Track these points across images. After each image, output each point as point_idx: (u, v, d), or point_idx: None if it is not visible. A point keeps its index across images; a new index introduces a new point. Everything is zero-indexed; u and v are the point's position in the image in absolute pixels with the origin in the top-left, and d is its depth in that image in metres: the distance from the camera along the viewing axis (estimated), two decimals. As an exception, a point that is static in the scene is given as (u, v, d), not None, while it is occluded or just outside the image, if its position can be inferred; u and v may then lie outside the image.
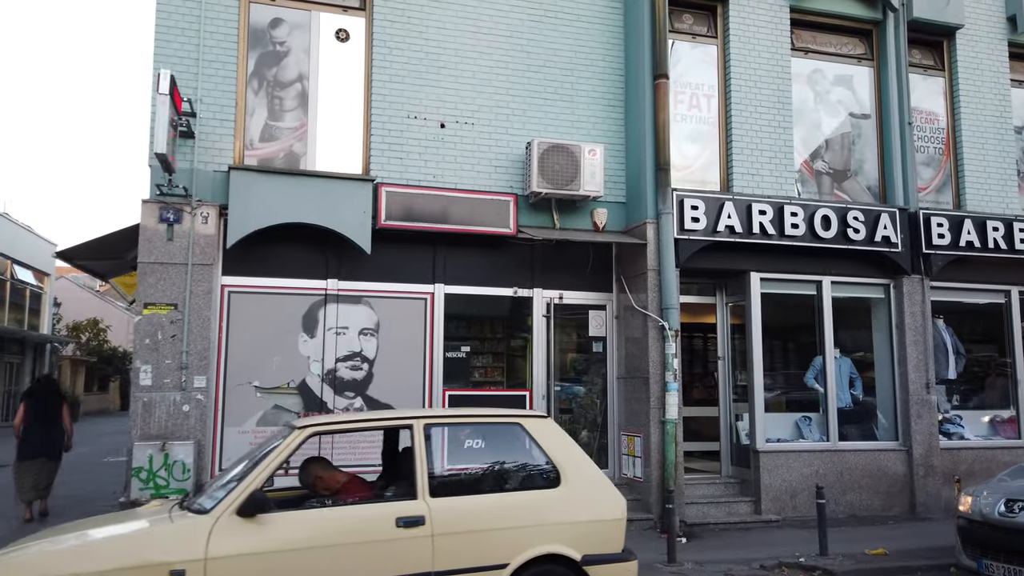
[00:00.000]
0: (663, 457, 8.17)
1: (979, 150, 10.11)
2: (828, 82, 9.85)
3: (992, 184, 10.10)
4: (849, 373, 9.69)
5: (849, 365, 9.70)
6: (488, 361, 8.93)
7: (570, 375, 9.23)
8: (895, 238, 9.23)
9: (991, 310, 10.19)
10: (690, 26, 9.44)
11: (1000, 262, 9.87)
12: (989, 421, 10.18)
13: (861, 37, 10.06)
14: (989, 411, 10.21)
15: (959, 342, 10.11)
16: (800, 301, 9.45)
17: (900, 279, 9.44)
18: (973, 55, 10.26)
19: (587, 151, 8.52)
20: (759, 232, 8.76)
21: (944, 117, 10.26)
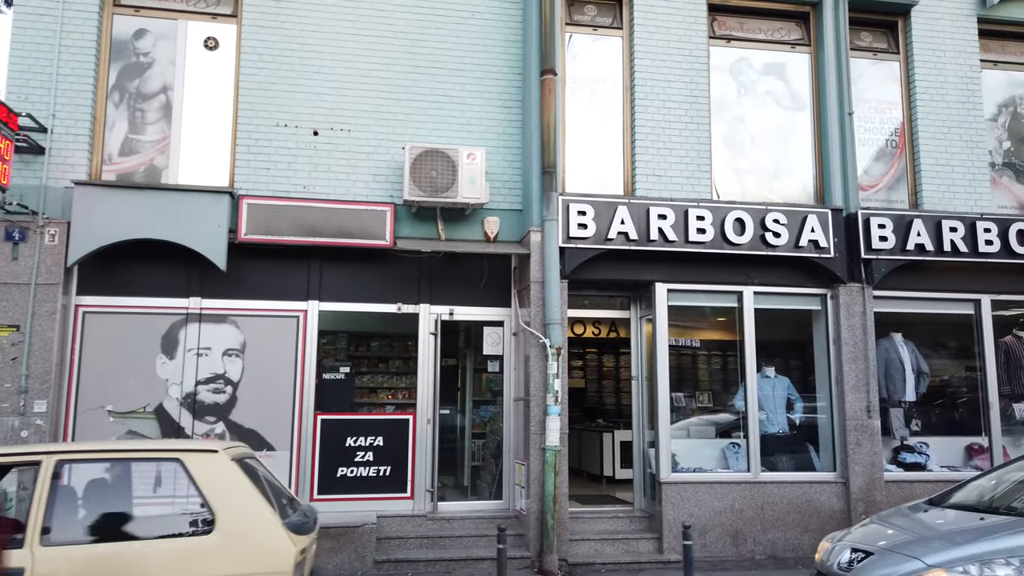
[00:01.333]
0: (542, 488, 7.39)
1: (940, 141, 8.92)
2: (756, 72, 8.89)
3: (956, 179, 8.88)
4: (787, 394, 8.66)
5: (786, 385, 8.67)
6: (370, 383, 8.36)
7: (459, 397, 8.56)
8: (826, 242, 8.18)
9: (960, 322, 8.94)
10: (592, 17, 8.69)
11: (966, 267, 8.65)
12: (966, 449, 8.91)
13: (798, 21, 9.07)
14: (964, 437, 8.94)
15: (922, 359, 8.90)
16: (734, 314, 8.51)
17: (837, 288, 8.36)
18: (932, 35, 9.09)
19: (466, 155, 7.88)
20: (659, 239, 7.90)
21: (900, 105, 9.11)
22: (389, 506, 7.92)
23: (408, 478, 8.01)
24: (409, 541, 7.49)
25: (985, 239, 8.43)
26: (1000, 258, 8.46)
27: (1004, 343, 9.07)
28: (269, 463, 7.66)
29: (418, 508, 7.94)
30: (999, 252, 8.46)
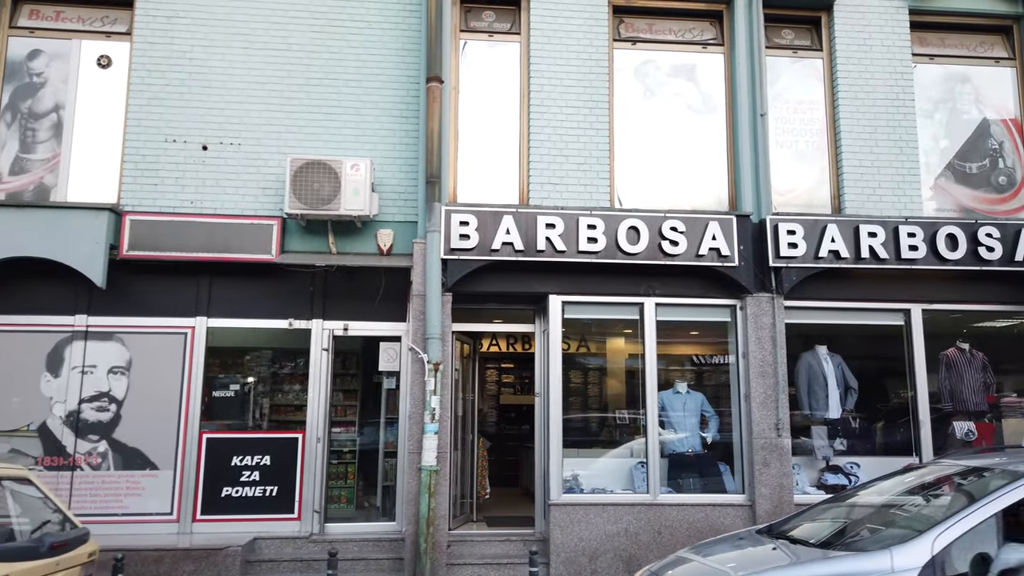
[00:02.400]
0: (417, 510, 7.10)
1: (865, 142, 8.38)
2: (664, 74, 8.51)
3: (883, 181, 8.33)
4: (700, 410, 8.20)
5: (700, 401, 8.22)
6: (260, 401, 8.20)
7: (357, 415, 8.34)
8: (728, 250, 7.73)
9: (894, 334, 8.35)
10: (490, 24, 8.45)
11: (894, 275, 8.08)
12: (904, 469, 8.26)
13: (712, 20, 8.67)
14: (900, 457, 8.31)
15: (850, 373, 8.34)
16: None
17: (745, 299, 7.89)
18: (858, 29, 8.58)
19: (349, 166, 7.71)
20: (548, 249, 7.57)
21: (823, 105, 8.61)
22: (275, 527, 7.72)
23: (296, 498, 7.81)
24: (282, 565, 7.27)
25: (909, 244, 7.86)
26: (927, 265, 7.88)
27: (946, 356, 8.45)
28: (152, 483, 7.61)
29: (304, 529, 7.73)
30: (925, 258, 7.87)
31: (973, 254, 7.91)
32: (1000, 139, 8.70)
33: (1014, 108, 8.74)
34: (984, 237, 7.92)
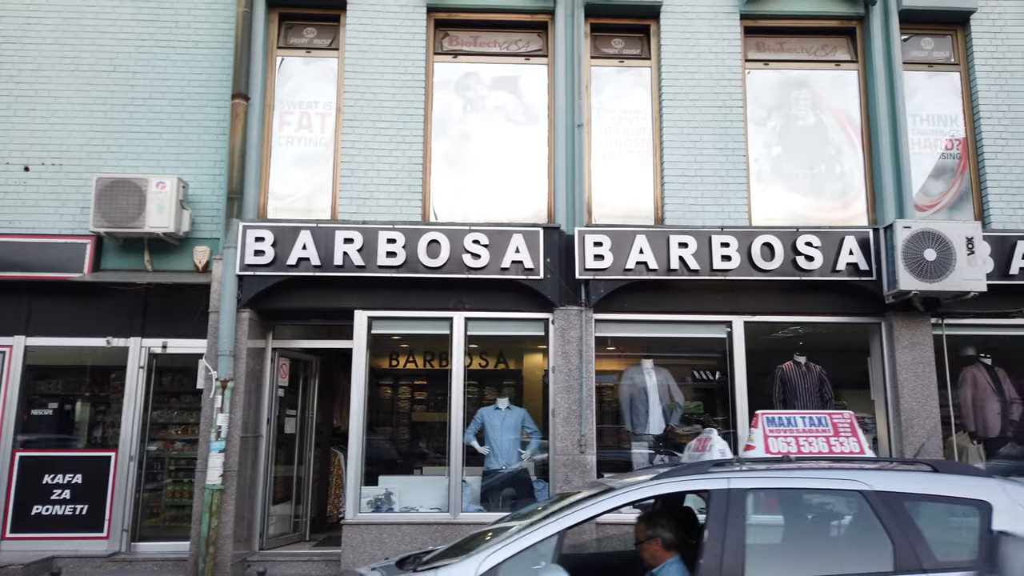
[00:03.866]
0: (199, 532, 7.05)
1: (689, 149, 8.19)
2: (485, 87, 8.44)
3: (706, 190, 8.12)
4: (521, 426, 8.05)
5: (520, 417, 8.08)
6: (78, 419, 8.23)
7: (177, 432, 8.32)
8: (533, 263, 7.59)
9: (715, 347, 8.10)
10: (310, 40, 8.48)
11: (716, 286, 7.85)
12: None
13: (538, 31, 8.58)
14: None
15: (676, 388, 8.12)
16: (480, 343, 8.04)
17: (555, 312, 7.74)
18: (686, 36, 8.41)
19: (155, 184, 7.76)
20: (346, 264, 7.51)
21: (648, 114, 8.44)
22: (83, 545, 7.72)
23: (106, 517, 7.81)
24: (71, 582, 7.26)
25: (722, 255, 7.63)
26: (743, 275, 7.64)
27: (781, 369, 8.17)
28: (-38, 500, 7.64)
29: (112, 548, 7.72)
30: (740, 269, 7.64)
31: (792, 263, 7.65)
32: (839, 144, 8.43)
33: (855, 112, 8.47)
34: (804, 246, 7.67)
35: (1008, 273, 7.67)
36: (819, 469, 3.82)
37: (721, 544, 3.53)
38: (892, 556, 3.51)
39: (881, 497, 3.65)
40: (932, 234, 7.27)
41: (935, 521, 3.77)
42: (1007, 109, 8.28)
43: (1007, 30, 8.44)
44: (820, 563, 3.60)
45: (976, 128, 8.31)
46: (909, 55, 8.59)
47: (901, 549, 3.51)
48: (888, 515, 3.59)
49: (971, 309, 7.83)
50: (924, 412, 7.59)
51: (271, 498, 8.08)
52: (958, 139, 8.43)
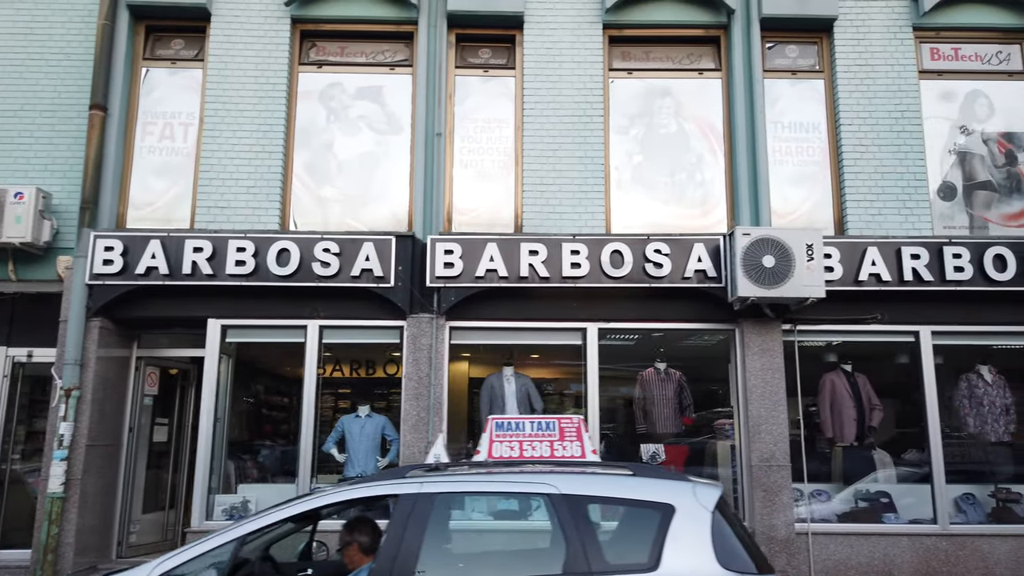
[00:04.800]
0: (39, 539, 7.08)
1: (549, 158, 8.25)
2: (349, 96, 8.51)
3: (565, 199, 8.17)
4: (382, 433, 8.08)
5: (381, 425, 8.11)
6: (-58, 427, 8.28)
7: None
8: (384, 271, 7.65)
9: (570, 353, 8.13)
10: (176, 51, 8.57)
11: (574, 294, 7.89)
12: None
13: (405, 42, 8.66)
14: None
15: (536, 394, 8.16)
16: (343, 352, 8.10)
17: (407, 320, 7.78)
18: (548, 46, 8.48)
19: (12, 195, 7.82)
20: (195, 272, 7.57)
21: (511, 123, 8.51)
22: (-61, 553, 7.75)
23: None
24: (-86, 590, 7.30)
25: (572, 262, 7.68)
26: (593, 283, 7.68)
27: (641, 376, 8.21)
28: None
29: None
30: (591, 276, 7.68)
31: (642, 271, 7.70)
32: (700, 152, 8.48)
33: (718, 120, 8.53)
34: (653, 253, 7.71)
35: (858, 279, 7.70)
36: (513, 473, 3.85)
37: (397, 547, 3.56)
38: (563, 558, 3.54)
39: (566, 500, 3.69)
40: (771, 241, 7.31)
41: (619, 523, 3.81)
42: (867, 116, 8.33)
43: (870, 36, 8.50)
44: (497, 565, 3.63)
45: (837, 135, 8.35)
46: (773, 63, 8.66)
47: (573, 551, 3.54)
48: (568, 518, 3.63)
49: (825, 315, 7.87)
50: (772, 418, 7.61)
51: (131, 506, 8.11)
52: (820, 146, 8.48)
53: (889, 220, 8.09)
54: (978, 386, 8.06)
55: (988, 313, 7.89)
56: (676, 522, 3.63)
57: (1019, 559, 7.36)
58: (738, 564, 3.57)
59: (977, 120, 8.52)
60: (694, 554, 3.54)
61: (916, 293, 7.78)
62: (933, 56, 8.65)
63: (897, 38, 8.50)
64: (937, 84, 8.59)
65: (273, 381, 8.97)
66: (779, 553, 7.32)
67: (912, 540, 7.44)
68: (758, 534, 7.36)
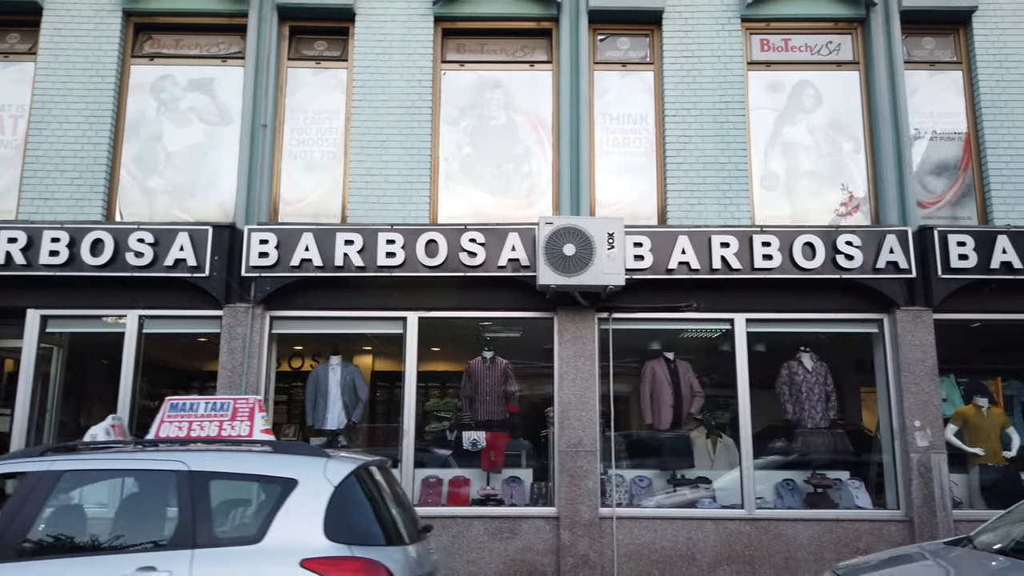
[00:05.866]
0: None
1: (376, 150, 8.33)
2: (181, 88, 8.58)
3: (391, 190, 8.26)
4: (208, 424, 8.12)
5: (208, 415, 8.13)
6: None
7: None
8: (197, 261, 7.74)
9: (394, 341, 8.22)
10: (12, 45, 8.64)
11: (395, 283, 7.98)
12: (422, 482, 8.10)
13: (240, 34, 8.72)
14: (424, 469, 8.16)
15: (361, 383, 8.25)
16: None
17: (223, 309, 7.86)
18: (379, 38, 8.56)
19: None
20: (6, 263, 7.65)
21: (342, 115, 8.59)
22: None
23: None
24: None
25: (387, 252, 7.77)
26: (410, 272, 7.77)
27: (469, 365, 8.31)
28: None
29: None
30: (407, 265, 7.77)
31: (458, 260, 7.78)
32: (529, 144, 8.57)
33: (547, 112, 8.62)
34: (468, 243, 7.80)
35: (669, 268, 7.80)
36: (149, 451, 3.94)
37: (10, 520, 3.64)
38: (174, 533, 3.62)
39: (191, 476, 3.78)
40: (573, 230, 7.40)
41: (248, 498, 3.90)
42: (692, 107, 8.43)
43: (699, 28, 8.59)
44: (107, 536, 3.71)
45: (664, 126, 8.45)
46: (605, 55, 8.75)
47: (183, 525, 3.63)
48: (187, 493, 3.71)
49: (641, 304, 7.97)
50: (582, 404, 7.71)
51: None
52: (648, 137, 8.57)
53: (709, 210, 8.19)
54: (798, 373, 8.17)
55: (800, 301, 8.00)
56: (294, 496, 3.72)
57: (821, 543, 7.48)
58: (353, 536, 3.66)
59: (804, 110, 8.62)
60: (301, 527, 3.63)
61: (729, 281, 7.89)
62: (763, 47, 8.75)
63: (725, 29, 8.59)
64: (765, 75, 8.69)
65: (104, 370, 9.02)
66: (582, 537, 7.43)
67: (717, 524, 7.55)
68: (563, 518, 7.47)
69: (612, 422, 7.95)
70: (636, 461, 8.23)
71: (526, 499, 7.92)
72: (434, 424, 8.52)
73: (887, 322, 7.97)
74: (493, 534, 7.50)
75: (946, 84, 8.65)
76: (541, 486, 7.92)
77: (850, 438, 8.36)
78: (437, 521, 7.52)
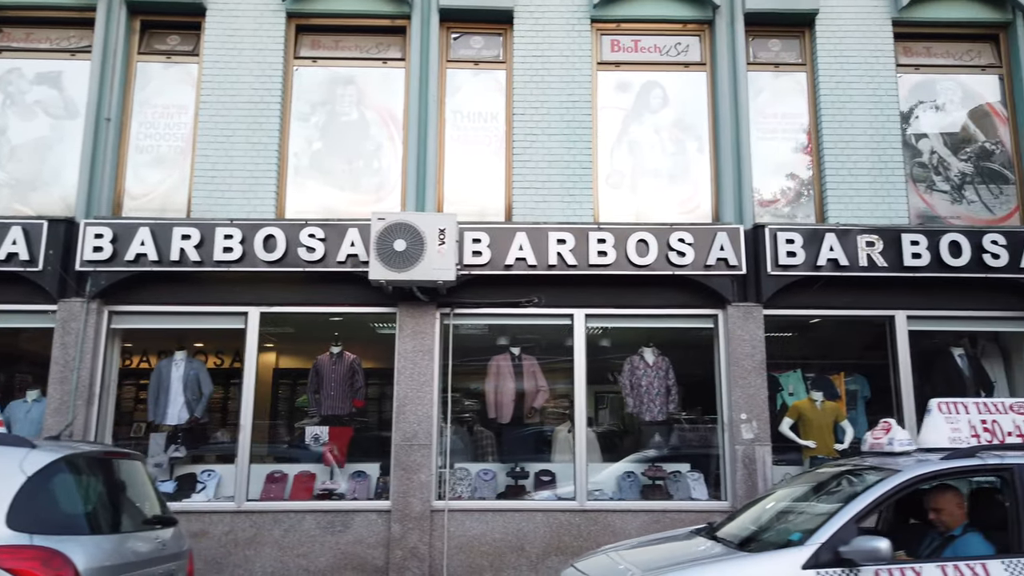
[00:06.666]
0: None
1: (223, 144, 8.33)
2: (28, 82, 8.52)
3: (235, 184, 8.26)
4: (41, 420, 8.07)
5: (42, 411, 8.08)
6: None
7: None
8: (31, 254, 7.73)
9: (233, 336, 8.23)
10: None
11: (233, 278, 8.00)
12: (267, 477, 8.09)
13: (88, 28, 8.66)
14: (266, 465, 8.18)
15: (206, 379, 8.25)
16: None
17: (58, 304, 7.81)
18: (229, 33, 8.56)
19: None
20: None
21: (190, 109, 8.57)
22: None
23: None
24: None
25: (224, 247, 7.79)
26: (247, 267, 7.80)
27: (317, 361, 8.34)
28: None
29: None
30: (245, 260, 7.80)
31: (297, 256, 7.82)
32: (380, 140, 8.63)
33: (399, 109, 8.68)
34: (307, 238, 7.85)
35: (507, 264, 7.90)
36: None
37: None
38: None
39: None
40: (404, 225, 7.47)
41: None
42: (540, 106, 8.54)
43: (549, 28, 8.70)
44: None
45: (513, 124, 8.55)
46: (457, 53, 8.84)
47: None
48: None
49: (483, 299, 8.07)
50: (418, 398, 7.79)
51: None
52: (499, 135, 8.67)
53: (553, 207, 8.30)
54: (639, 367, 8.32)
55: (640, 297, 8.15)
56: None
57: (647, 533, 7.62)
58: (38, 526, 3.68)
59: (651, 110, 8.78)
60: (-16, 515, 3.64)
61: (568, 277, 8.02)
62: (613, 48, 8.90)
63: (575, 30, 8.71)
64: (615, 75, 8.84)
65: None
66: (412, 530, 7.51)
67: (547, 516, 7.68)
68: (395, 511, 7.54)
69: (449, 416, 8.03)
70: (483, 455, 8.34)
71: (370, 493, 7.97)
72: (280, 420, 8.55)
73: (721, 318, 8.15)
74: (325, 528, 7.55)
75: (790, 85, 8.86)
76: (386, 480, 7.98)
77: (692, 431, 8.56)
78: (270, 516, 7.56)
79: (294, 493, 7.96)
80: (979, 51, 8.99)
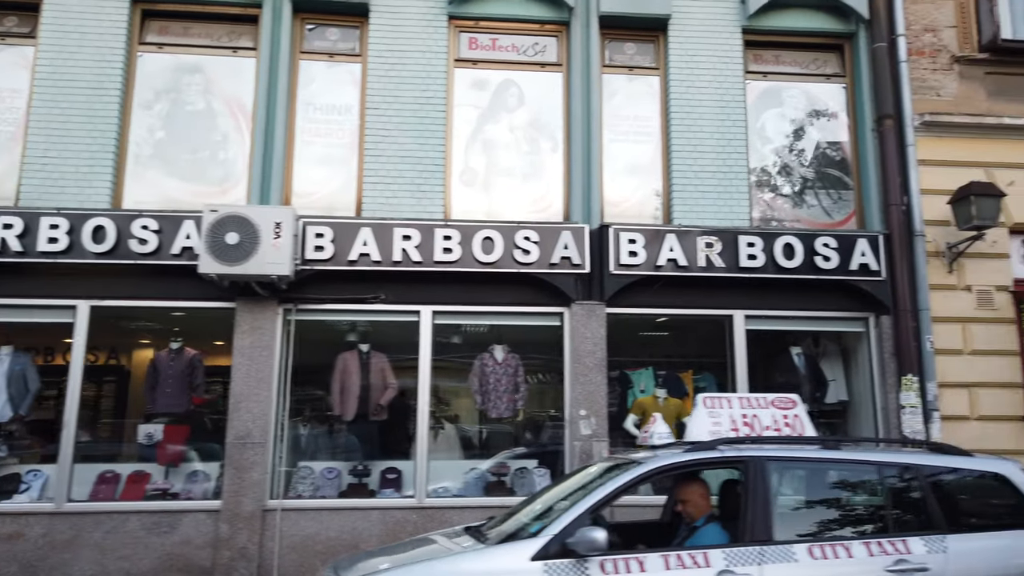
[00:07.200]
0: None
1: (56, 130, 8.00)
2: None
3: (68, 172, 7.94)
4: None
5: None
6: None
7: None
8: None
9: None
10: None
11: (64, 271, 7.69)
12: (98, 476, 7.76)
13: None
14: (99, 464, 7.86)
15: (33, 374, 7.93)
16: None
17: None
18: (71, 17, 8.22)
19: None
20: None
21: (26, 95, 8.21)
22: None
23: None
24: None
25: (49, 237, 7.51)
26: (73, 259, 7.52)
27: (154, 357, 8.08)
28: None
29: None
30: (70, 252, 7.52)
31: (127, 248, 7.57)
32: (227, 131, 8.42)
33: (249, 100, 8.48)
34: (139, 230, 7.61)
35: (349, 259, 7.80)
36: None
37: None
38: None
39: None
40: (238, 218, 7.31)
41: None
42: (394, 101, 8.46)
43: (406, 24, 8.61)
44: None
45: (366, 118, 8.44)
46: (312, 45, 8.71)
47: None
48: None
49: (328, 295, 7.95)
50: (254, 396, 7.63)
51: None
52: (352, 129, 8.56)
53: (404, 203, 8.24)
54: (488, 365, 8.33)
55: (488, 294, 8.16)
56: None
57: (486, 530, 7.63)
58: None
59: (507, 109, 8.81)
60: None
61: (414, 274, 7.97)
62: (471, 45, 8.89)
63: (432, 26, 8.67)
64: (472, 73, 8.83)
65: None
66: (242, 530, 7.34)
67: (383, 514, 7.62)
68: (224, 511, 7.36)
69: (287, 413, 7.89)
70: (328, 453, 8.23)
71: (208, 493, 7.77)
72: (117, 418, 8.26)
73: (566, 316, 8.23)
74: (150, 529, 7.32)
75: (644, 89, 9.01)
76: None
77: (540, 428, 8.62)
78: (91, 517, 7.29)
79: (125, 493, 7.70)
80: (825, 60, 9.31)
